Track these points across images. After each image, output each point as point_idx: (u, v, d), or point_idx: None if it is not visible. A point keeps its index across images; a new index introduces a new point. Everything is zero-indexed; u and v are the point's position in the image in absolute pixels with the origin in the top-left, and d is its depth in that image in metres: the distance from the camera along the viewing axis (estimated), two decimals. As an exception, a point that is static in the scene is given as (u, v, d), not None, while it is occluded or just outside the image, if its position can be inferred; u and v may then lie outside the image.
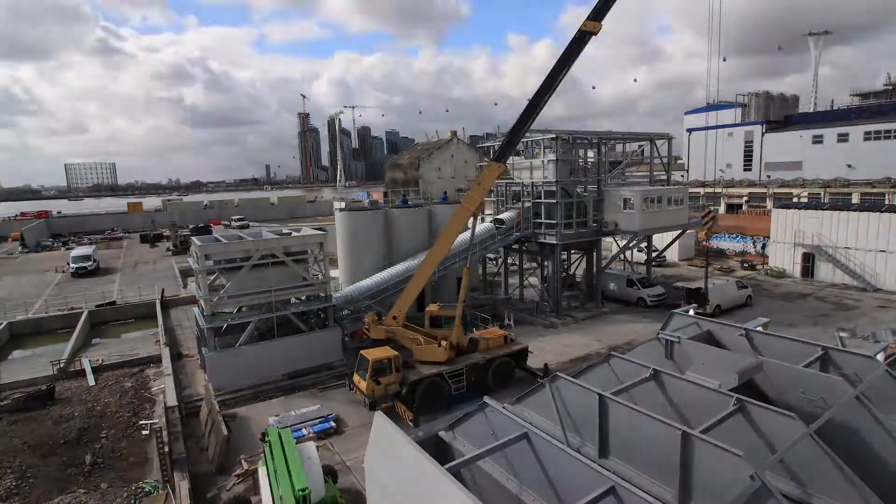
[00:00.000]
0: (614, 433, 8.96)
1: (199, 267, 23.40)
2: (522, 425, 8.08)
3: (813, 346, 11.32)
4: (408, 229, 32.97)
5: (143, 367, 25.85)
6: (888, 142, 66.72)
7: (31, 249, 70.43)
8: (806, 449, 7.68)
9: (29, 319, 33.72)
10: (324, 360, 25.01)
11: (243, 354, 23.39)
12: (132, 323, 35.04)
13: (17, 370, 26.09)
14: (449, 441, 9.09)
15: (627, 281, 35.02)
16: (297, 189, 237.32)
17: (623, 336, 28.18)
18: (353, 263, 31.65)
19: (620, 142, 39.50)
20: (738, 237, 49.17)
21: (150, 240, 74.28)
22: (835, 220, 38.03)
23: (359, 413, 20.01)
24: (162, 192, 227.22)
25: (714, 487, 7.05)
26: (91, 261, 51.21)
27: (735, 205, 65.92)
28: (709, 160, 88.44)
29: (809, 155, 75.29)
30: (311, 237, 25.75)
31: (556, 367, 22.48)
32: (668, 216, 33.18)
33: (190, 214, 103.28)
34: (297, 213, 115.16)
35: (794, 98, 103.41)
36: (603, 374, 10.56)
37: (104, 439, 18.70)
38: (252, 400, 22.06)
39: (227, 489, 15.80)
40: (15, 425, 19.95)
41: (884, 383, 9.86)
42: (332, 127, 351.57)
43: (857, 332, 26.81)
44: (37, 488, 15.94)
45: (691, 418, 8.44)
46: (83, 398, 22.24)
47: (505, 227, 32.77)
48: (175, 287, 43.10)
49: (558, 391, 9.94)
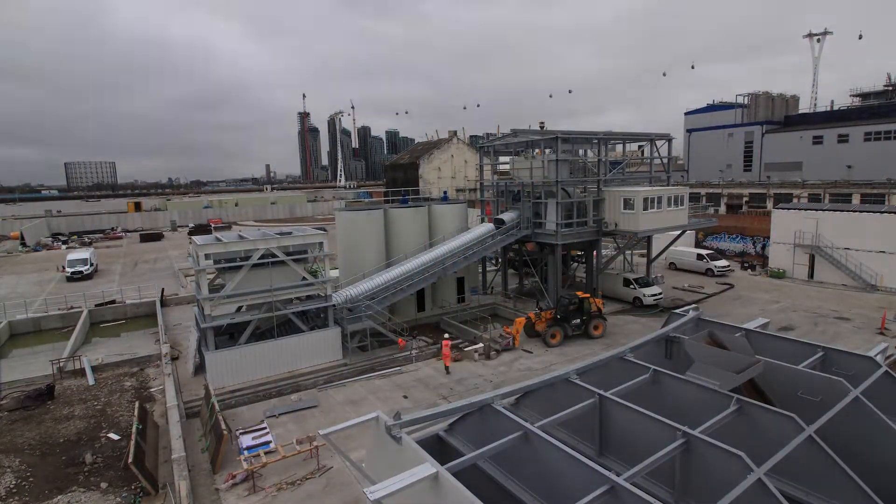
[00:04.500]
0: (614, 433, 8.96)
1: (198, 267, 23.40)
2: (522, 425, 8.08)
3: (813, 347, 11.33)
4: (408, 229, 32.98)
5: (142, 366, 25.87)
6: (888, 142, 66.82)
7: (31, 248, 70.45)
8: (806, 449, 7.68)
9: (28, 318, 33.70)
10: (324, 360, 25.05)
11: (243, 354, 23.40)
12: (132, 322, 35.05)
13: (16, 369, 26.08)
14: (449, 441, 9.09)
15: (624, 280, 35.05)
16: (297, 189, 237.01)
17: (623, 336, 28.17)
18: (353, 263, 31.65)
19: (620, 142, 39.47)
20: (738, 238, 49.17)
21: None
22: (834, 221, 38.06)
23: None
24: (162, 192, 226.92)
25: (714, 487, 7.05)
26: (88, 265, 49.07)
27: (735, 205, 65.92)
28: (709, 160, 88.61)
29: (809, 155, 75.40)
30: (311, 237, 25.75)
31: (556, 367, 22.48)
32: (669, 217, 33.17)
33: (190, 214, 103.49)
34: (296, 213, 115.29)
35: (795, 98, 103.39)
36: (603, 374, 10.56)
37: (104, 439, 18.70)
38: (252, 399, 22.08)
39: (224, 489, 15.81)
40: (15, 424, 19.97)
41: (884, 384, 9.87)
42: (332, 127, 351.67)
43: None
44: (37, 488, 15.94)
45: (691, 418, 8.44)
46: (83, 397, 22.25)
47: (505, 228, 32.79)
48: (175, 286, 43.12)
49: (558, 391, 9.94)
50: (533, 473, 7.77)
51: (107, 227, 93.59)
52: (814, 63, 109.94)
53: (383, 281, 28.15)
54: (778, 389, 10.23)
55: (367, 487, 6.50)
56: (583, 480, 6.83)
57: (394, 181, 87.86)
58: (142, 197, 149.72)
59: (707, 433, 7.85)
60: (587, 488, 6.58)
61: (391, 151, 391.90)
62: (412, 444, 7.45)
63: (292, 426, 19.66)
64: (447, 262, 30.22)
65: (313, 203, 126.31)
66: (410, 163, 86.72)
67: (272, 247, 24.00)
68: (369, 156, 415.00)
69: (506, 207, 35.57)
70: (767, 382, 10.42)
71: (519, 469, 8.01)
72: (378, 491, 6.26)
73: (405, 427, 7.90)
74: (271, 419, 20.20)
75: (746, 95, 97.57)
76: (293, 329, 25.52)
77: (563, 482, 7.25)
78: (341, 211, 34.72)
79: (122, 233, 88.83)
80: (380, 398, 21.91)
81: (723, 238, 50.13)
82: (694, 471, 7.60)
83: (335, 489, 15.62)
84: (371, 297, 27.30)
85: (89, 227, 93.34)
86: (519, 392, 9.96)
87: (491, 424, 8.63)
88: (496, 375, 23.88)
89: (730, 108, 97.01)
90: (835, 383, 9.37)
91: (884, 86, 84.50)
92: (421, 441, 8.13)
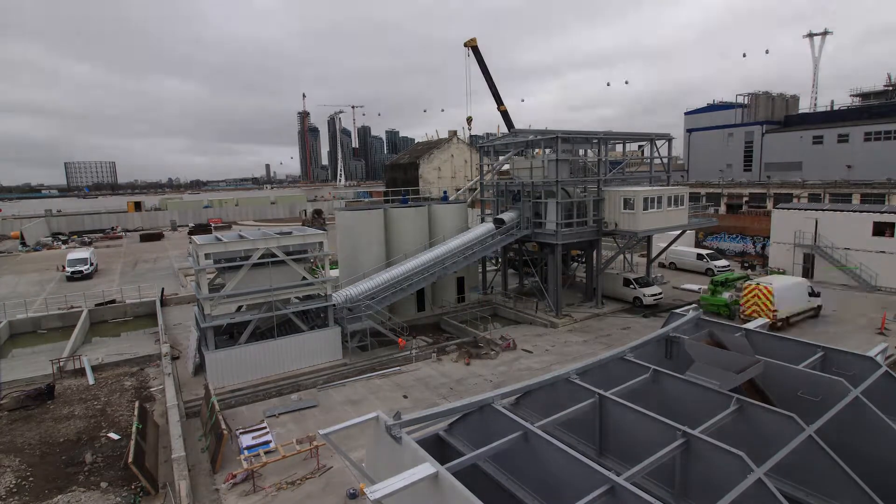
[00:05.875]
0: (614, 433, 8.96)
1: (198, 266, 23.40)
2: (522, 425, 8.08)
3: (813, 347, 11.32)
4: (408, 229, 32.97)
5: (142, 365, 25.87)
6: (888, 142, 66.80)
7: (31, 248, 70.43)
8: (806, 449, 7.68)
9: (28, 318, 33.70)
10: (324, 360, 25.05)
11: (243, 354, 23.41)
12: (132, 321, 35.05)
13: (16, 369, 26.08)
14: (449, 441, 9.09)
15: (624, 280, 35.05)
16: (297, 188, 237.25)
17: (623, 336, 28.19)
18: (353, 263, 31.66)
19: (620, 142, 39.46)
20: (737, 237, 49.17)
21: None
22: (834, 221, 38.06)
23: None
24: (162, 191, 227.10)
25: (714, 487, 7.05)
26: (88, 264, 49.13)
27: (735, 205, 65.91)
28: (709, 160, 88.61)
29: (809, 155, 75.37)
30: (311, 237, 25.76)
31: (556, 367, 22.49)
32: (669, 217, 33.16)
33: (190, 213, 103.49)
34: (296, 213, 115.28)
35: (795, 98, 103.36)
36: (603, 374, 10.56)
37: (104, 438, 18.70)
38: (252, 399, 22.09)
39: (224, 489, 15.81)
40: (15, 424, 19.97)
41: (884, 384, 9.87)
42: (332, 126, 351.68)
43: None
44: (37, 487, 15.94)
45: (691, 418, 8.44)
46: (83, 397, 22.25)
47: (505, 227, 32.78)
48: (175, 286, 43.11)
49: (558, 391, 9.94)
50: (533, 473, 7.77)
51: (107, 227, 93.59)
52: (814, 63, 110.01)
53: (383, 281, 28.14)
54: (778, 389, 10.23)
55: (367, 487, 6.50)
56: (583, 480, 6.82)
57: (394, 181, 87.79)
58: (142, 196, 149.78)
59: (707, 433, 7.85)
60: (587, 488, 6.58)
61: (391, 151, 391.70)
62: (412, 444, 7.44)
63: (292, 426, 19.66)
64: (447, 261, 30.22)
65: (313, 203, 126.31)
66: (410, 162, 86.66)
67: (272, 246, 24.00)
68: (369, 155, 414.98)
69: (506, 207, 35.57)
70: (767, 382, 10.41)
71: (519, 469, 8.01)
72: (378, 491, 6.25)
73: (405, 427, 7.90)
74: (271, 419, 20.21)
75: (746, 95, 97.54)
76: (293, 329, 25.53)
77: (563, 482, 7.25)
78: (341, 211, 34.73)
79: (122, 232, 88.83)
80: (380, 398, 21.91)
81: (723, 238, 50.14)
82: (694, 471, 7.60)
83: (335, 489, 15.62)
84: (371, 297, 27.30)
85: (89, 226, 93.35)
86: (519, 392, 9.95)
87: (491, 424, 8.63)
88: (496, 375, 23.88)
89: (730, 107, 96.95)
90: (835, 383, 9.37)
91: (884, 86, 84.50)
92: (421, 441, 8.12)
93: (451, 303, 34.59)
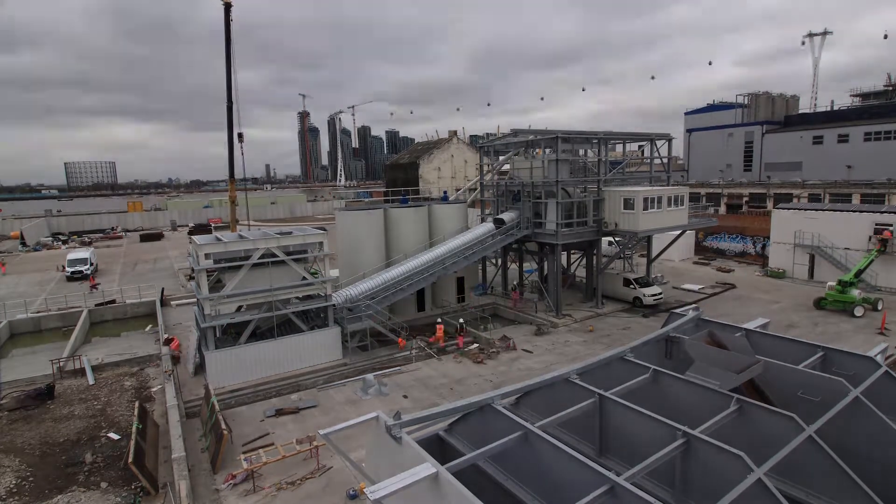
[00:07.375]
0: (614, 433, 8.96)
1: (198, 266, 23.39)
2: (522, 425, 8.07)
3: (813, 347, 11.31)
4: (408, 229, 32.97)
5: (142, 366, 25.86)
6: (888, 142, 66.78)
7: (31, 248, 70.43)
8: (806, 449, 7.68)
9: (28, 318, 33.70)
10: (324, 360, 25.04)
11: (243, 354, 23.40)
12: (132, 321, 35.04)
13: (16, 369, 26.08)
14: (449, 441, 9.08)
15: (624, 280, 35.03)
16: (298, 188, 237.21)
17: (623, 336, 28.20)
18: (353, 263, 31.65)
19: (620, 142, 39.45)
20: (737, 237, 49.17)
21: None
22: (834, 221, 38.04)
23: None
24: (162, 191, 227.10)
25: (714, 487, 7.04)
26: (88, 264, 49.09)
27: (735, 205, 65.90)
28: (709, 160, 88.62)
29: (809, 155, 75.34)
30: (311, 237, 25.75)
31: (556, 367, 22.48)
32: (669, 217, 33.16)
33: (190, 213, 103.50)
34: (296, 213, 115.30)
35: (795, 98, 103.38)
36: (603, 374, 10.55)
37: (104, 438, 18.70)
38: (252, 399, 22.09)
39: (224, 489, 15.82)
40: (15, 424, 19.96)
41: (884, 384, 9.86)
42: (332, 126, 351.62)
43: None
44: (37, 488, 15.94)
45: (691, 418, 8.44)
46: (83, 397, 22.25)
47: (505, 227, 32.78)
48: (175, 286, 43.11)
49: (558, 391, 9.93)
50: (533, 473, 7.76)
51: (107, 227, 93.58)
52: (814, 63, 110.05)
53: (383, 281, 28.14)
54: (778, 389, 10.22)
55: (367, 487, 6.50)
56: (583, 480, 6.82)
57: (394, 181, 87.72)
58: (142, 196, 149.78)
59: (707, 433, 7.84)
60: (587, 488, 6.57)
61: (391, 151, 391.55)
62: (412, 444, 7.44)
63: (292, 426, 19.67)
64: (447, 261, 30.22)
65: (313, 203, 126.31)
66: (410, 163, 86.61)
67: (272, 246, 24.00)
68: (369, 155, 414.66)
69: (506, 207, 35.56)
70: (767, 382, 10.40)
71: (519, 469, 8.00)
72: (378, 491, 6.25)
73: (405, 427, 7.89)
74: (271, 418, 20.24)
75: (746, 95, 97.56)
76: (293, 329, 25.53)
77: (563, 482, 7.25)
78: (341, 211, 34.73)
79: (123, 232, 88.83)
80: (380, 398, 21.91)
81: (722, 238, 50.15)
82: (694, 471, 7.60)
83: (335, 489, 15.63)
84: (371, 297, 27.29)
85: (89, 226, 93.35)
86: (519, 392, 9.94)
87: (491, 424, 8.62)
88: (496, 375, 23.88)
89: (730, 108, 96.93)
90: (835, 383, 9.36)
91: (884, 86, 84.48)
92: (421, 441, 8.12)
93: (451, 303, 34.57)
